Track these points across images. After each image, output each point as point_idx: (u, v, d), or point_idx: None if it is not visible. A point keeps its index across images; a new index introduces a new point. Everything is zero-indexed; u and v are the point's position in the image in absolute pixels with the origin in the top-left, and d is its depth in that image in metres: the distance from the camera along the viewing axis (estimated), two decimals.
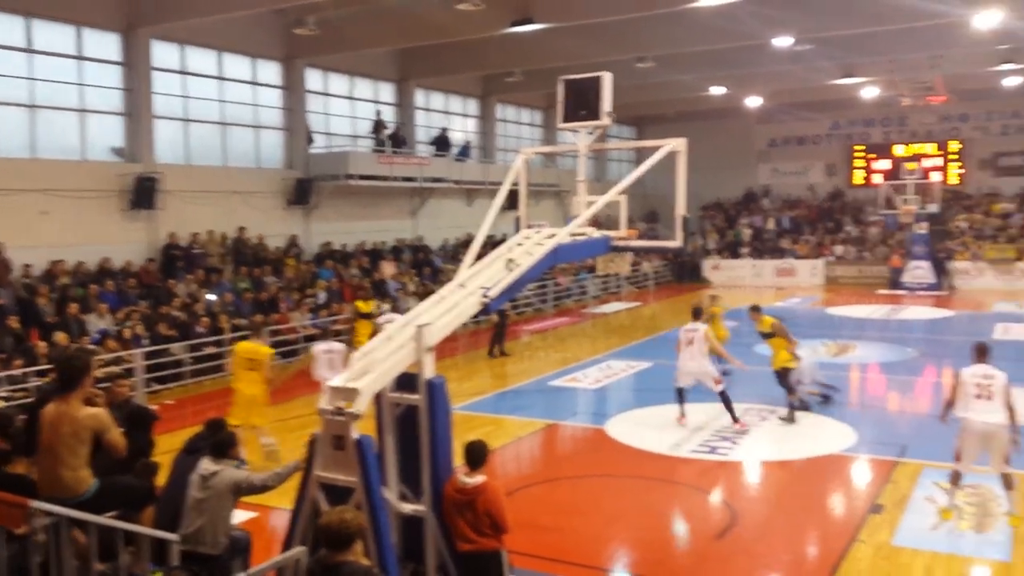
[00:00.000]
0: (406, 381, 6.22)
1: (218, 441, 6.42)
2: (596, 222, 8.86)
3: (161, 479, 6.59)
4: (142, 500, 6.30)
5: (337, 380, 5.93)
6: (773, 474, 10.52)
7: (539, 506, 9.42)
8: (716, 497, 9.66)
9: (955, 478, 8.53)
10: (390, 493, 6.29)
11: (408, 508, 6.34)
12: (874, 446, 11.22)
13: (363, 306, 16.41)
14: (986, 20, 19.23)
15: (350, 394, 5.71)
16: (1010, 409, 8.16)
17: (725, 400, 12.12)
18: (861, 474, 10.34)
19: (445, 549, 6.18)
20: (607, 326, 23.87)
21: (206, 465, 6.26)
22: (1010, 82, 29.86)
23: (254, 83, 21.75)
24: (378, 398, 6.24)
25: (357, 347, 13.91)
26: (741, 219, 37.55)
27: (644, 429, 12.19)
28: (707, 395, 12.67)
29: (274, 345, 17.03)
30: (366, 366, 5.96)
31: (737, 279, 34.00)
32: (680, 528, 9.01)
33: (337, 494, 5.81)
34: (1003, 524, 8.35)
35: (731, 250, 35.82)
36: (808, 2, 19.68)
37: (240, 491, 6.26)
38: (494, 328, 18.83)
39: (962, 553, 7.77)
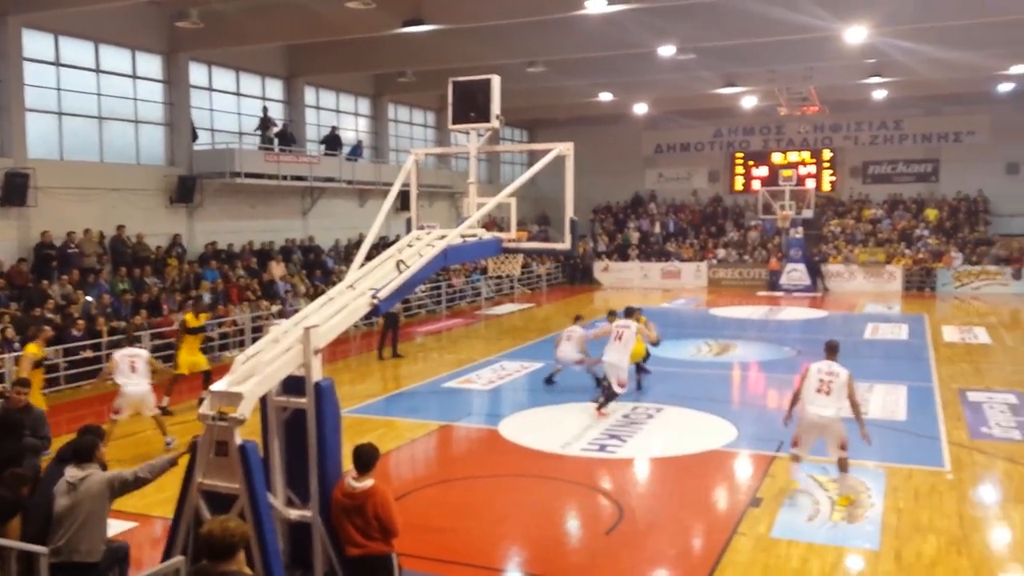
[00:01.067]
0: (293, 384, 6.10)
1: (79, 446, 6.14)
2: (492, 224, 8.93)
3: None
4: (7, 512, 5.96)
5: (219, 384, 5.76)
6: (659, 470, 10.81)
7: (431, 508, 9.40)
8: (605, 494, 9.86)
9: (794, 460, 9.41)
10: (276, 499, 6.16)
11: (295, 514, 6.21)
12: (753, 441, 11.69)
13: (192, 320, 14.17)
14: (855, 35, 20.35)
15: (233, 398, 5.57)
16: (853, 404, 9.02)
17: (610, 395, 12.54)
18: (741, 469, 10.75)
19: (334, 554, 6.09)
20: (500, 327, 24.01)
21: (72, 472, 5.99)
22: (878, 95, 31.68)
23: (134, 76, 20.85)
24: (263, 402, 6.10)
25: (180, 364, 13.76)
26: (630, 223, 38.46)
27: (536, 429, 12.34)
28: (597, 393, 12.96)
29: (156, 349, 16.53)
30: (250, 369, 5.81)
31: (626, 281, 34.82)
32: (570, 525, 9.15)
33: (220, 502, 5.65)
34: (874, 515, 8.84)
35: (620, 253, 36.64)
36: (690, 13, 20.34)
37: (114, 490, 6.02)
38: (382, 330, 18.65)
39: (835, 543, 8.16)
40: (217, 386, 5.75)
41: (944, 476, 10.09)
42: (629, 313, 13.86)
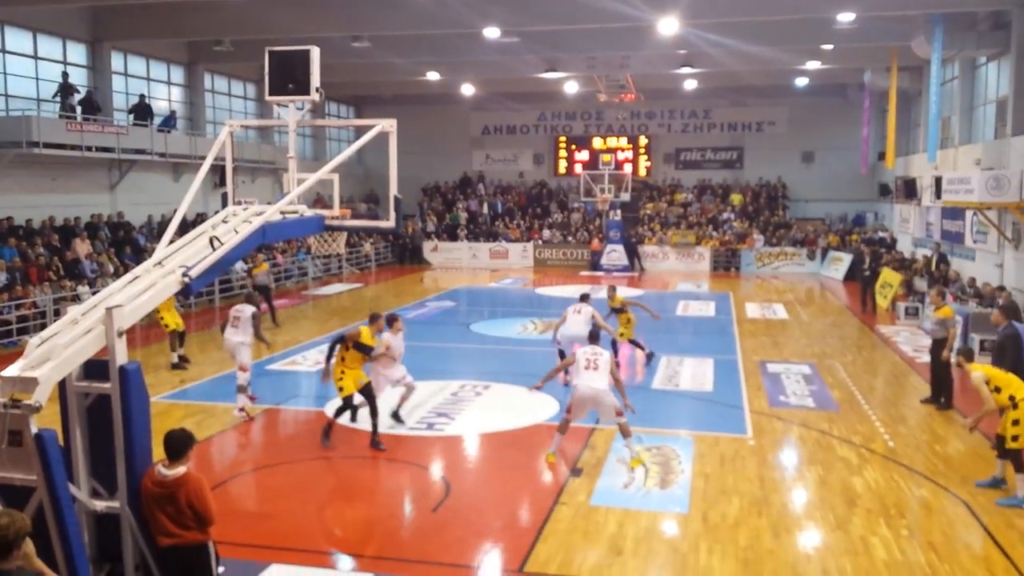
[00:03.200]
0: (96, 368, 5.71)
1: None
2: (320, 202, 8.71)
3: None
4: None
5: (12, 368, 5.31)
6: (486, 445, 10.99)
7: (255, 493, 9.13)
8: (432, 471, 9.92)
9: (564, 426, 10.04)
10: (80, 490, 5.77)
11: (102, 505, 5.85)
12: None
13: None
14: (667, 26, 21.34)
15: (28, 384, 5.15)
16: (616, 379, 9.99)
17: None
18: (564, 441, 11.09)
19: (145, 546, 5.79)
20: (328, 307, 23.52)
21: None
22: (689, 85, 33.42)
23: None
24: (62, 387, 5.68)
25: None
26: (458, 203, 38.67)
27: (363, 409, 12.17)
28: (430, 373, 12.96)
29: None
30: (46, 353, 5.39)
31: (455, 261, 35.03)
32: (397, 504, 9.14)
33: (15, 495, 5.24)
34: (683, 480, 9.40)
35: (449, 233, 36.79)
36: None
37: None
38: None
39: (648, 508, 8.63)
40: (9, 371, 5.30)
41: (746, 442, 10.87)
42: (584, 298, 14.25)
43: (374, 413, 10.41)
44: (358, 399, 10.45)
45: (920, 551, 7.61)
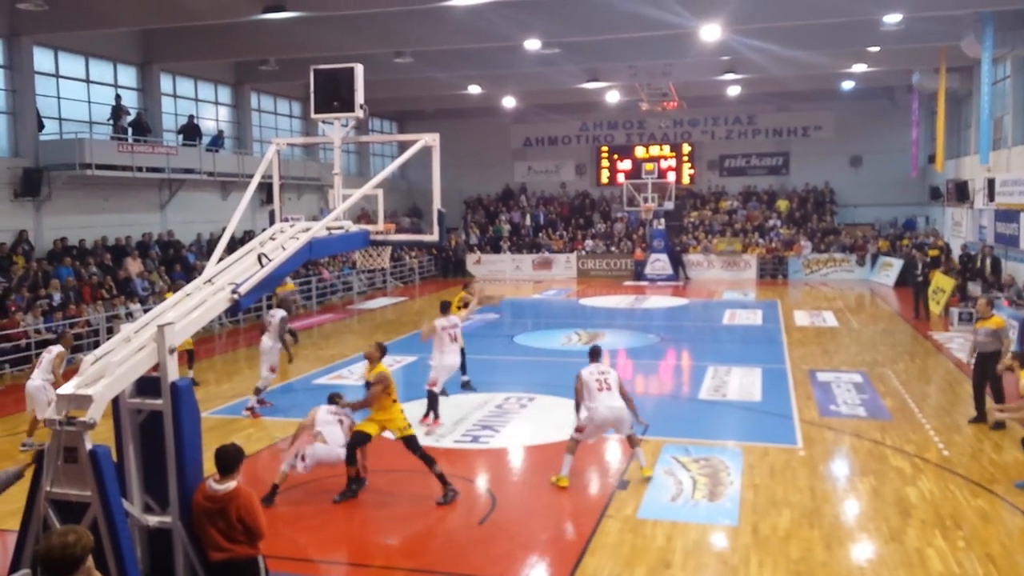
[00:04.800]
0: (148, 385, 5.83)
1: None
2: (364, 217, 8.80)
3: None
4: None
5: (68, 386, 5.44)
6: (531, 458, 10.96)
7: (302, 507, 9.20)
8: (478, 484, 9.92)
9: (574, 446, 9.71)
10: (133, 506, 5.89)
11: (154, 520, 5.96)
12: None
13: None
14: (710, 33, 21.20)
15: (82, 401, 5.28)
16: (625, 396, 9.71)
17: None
18: (609, 453, 11.02)
19: (196, 560, 5.88)
20: (373, 321, 23.72)
21: None
22: (732, 91, 33.13)
23: None
24: (115, 404, 5.80)
25: None
26: (501, 215, 38.78)
27: (411, 423, 12.22)
28: (475, 385, 13.01)
29: (1, 352, 15.48)
30: (100, 370, 5.52)
31: (498, 272, 35.10)
32: (444, 517, 9.15)
33: (71, 510, 5.36)
34: (733, 492, 9.27)
35: (492, 245, 36.89)
36: (553, 8, 20.69)
37: None
38: None
39: (697, 521, 8.52)
40: (64, 389, 5.43)
41: (797, 453, 10.69)
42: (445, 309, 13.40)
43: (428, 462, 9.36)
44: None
45: (978, 563, 7.40)
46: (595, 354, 10.20)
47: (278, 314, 13.58)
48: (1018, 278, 20.93)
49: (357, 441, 9.28)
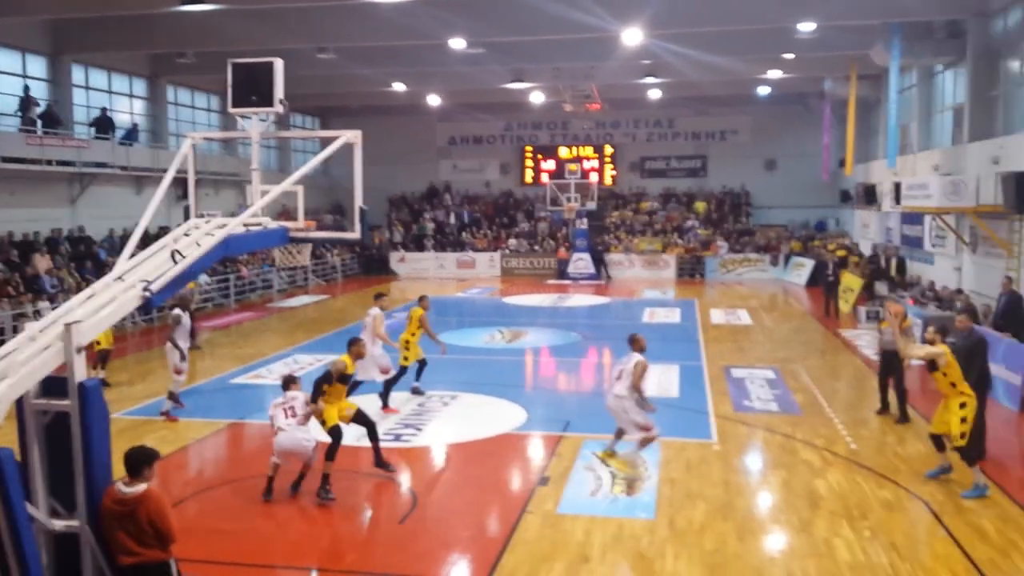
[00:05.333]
0: (54, 385, 5.64)
1: None
2: (285, 214, 8.67)
3: None
4: None
5: None
6: (453, 456, 10.97)
7: (218, 510, 9.02)
8: (400, 483, 9.88)
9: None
10: (38, 510, 5.68)
11: (60, 524, 5.76)
12: (542, 423, 12.16)
13: None
14: (631, 37, 21.54)
15: None
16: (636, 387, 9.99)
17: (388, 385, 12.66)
18: (531, 450, 11.14)
19: (105, 565, 5.71)
20: (294, 319, 23.35)
21: None
22: (653, 94, 33.73)
23: None
24: (19, 405, 5.59)
25: None
26: (425, 213, 38.63)
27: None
28: (397, 384, 12.94)
29: None
30: (3, 370, 5.31)
31: (422, 271, 34.98)
32: (364, 517, 9.10)
33: None
34: (650, 486, 9.46)
35: (416, 243, 36.72)
36: (478, 8, 20.71)
37: None
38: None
39: (615, 515, 8.66)
40: None
41: (712, 447, 10.97)
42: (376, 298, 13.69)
43: (374, 437, 9.73)
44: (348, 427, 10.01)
45: (883, 552, 7.72)
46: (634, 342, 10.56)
47: (173, 312, 12.82)
48: (923, 278, 21.88)
49: (338, 435, 9.25)
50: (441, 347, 13.62)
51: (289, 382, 9.73)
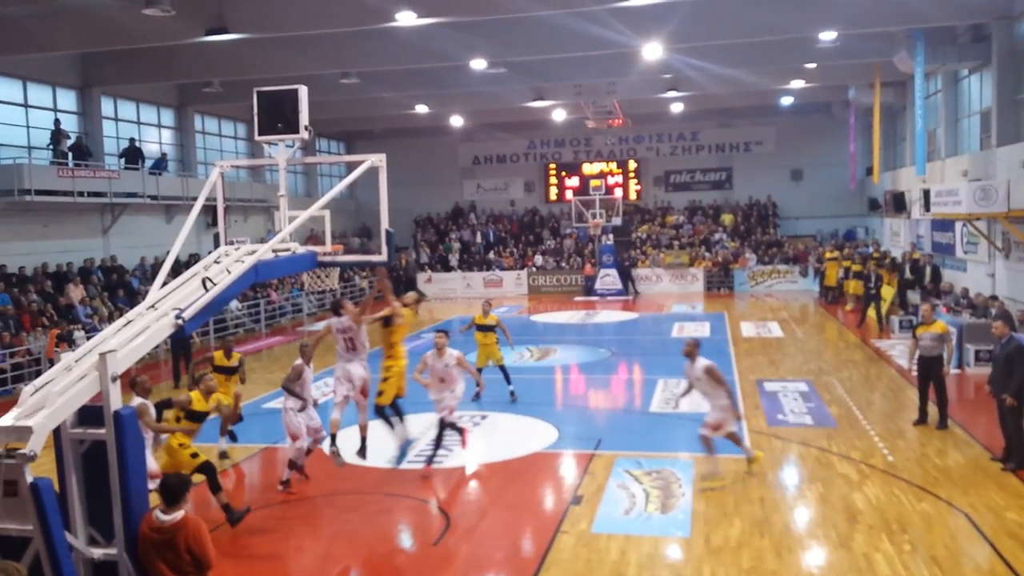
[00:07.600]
0: (90, 414, 5.71)
1: None
2: (313, 238, 8.73)
3: None
4: None
5: (7, 417, 5.30)
6: (485, 476, 10.94)
7: (254, 534, 9.05)
8: (432, 505, 9.87)
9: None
10: (77, 539, 5.74)
11: (99, 553, 5.81)
12: (573, 441, 12.10)
13: (221, 359, 12.44)
14: (652, 52, 21.56)
15: (22, 433, 5.14)
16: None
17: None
18: (563, 468, 11.07)
19: None
20: (324, 343, 23.34)
21: None
22: (675, 108, 33.69)
23: None
24: (57, 435, 5.67)
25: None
26: (451, 233, 38.79)
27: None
28: (428, 404, 12.91)
29: None
30: (40, 401, 5.39)
31: (449, 291, 35.04)
32: (398, 539, 9.09)
33: (12, 545, 5.22)
34: (684, 503, 9.36)
35: (442, 263, 36.85)
36: (497, 28, 20.82)
37: None
38: (172, 359, 17.93)
39: (650, 533, 8.58)
40: (3, 421, 5.29)
41: (747, 462, 10.83)
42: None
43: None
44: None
45: (924, 566, 7.57)
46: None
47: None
48: (956, 286, 21.54)
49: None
50: (478, 383, 13.97)
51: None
